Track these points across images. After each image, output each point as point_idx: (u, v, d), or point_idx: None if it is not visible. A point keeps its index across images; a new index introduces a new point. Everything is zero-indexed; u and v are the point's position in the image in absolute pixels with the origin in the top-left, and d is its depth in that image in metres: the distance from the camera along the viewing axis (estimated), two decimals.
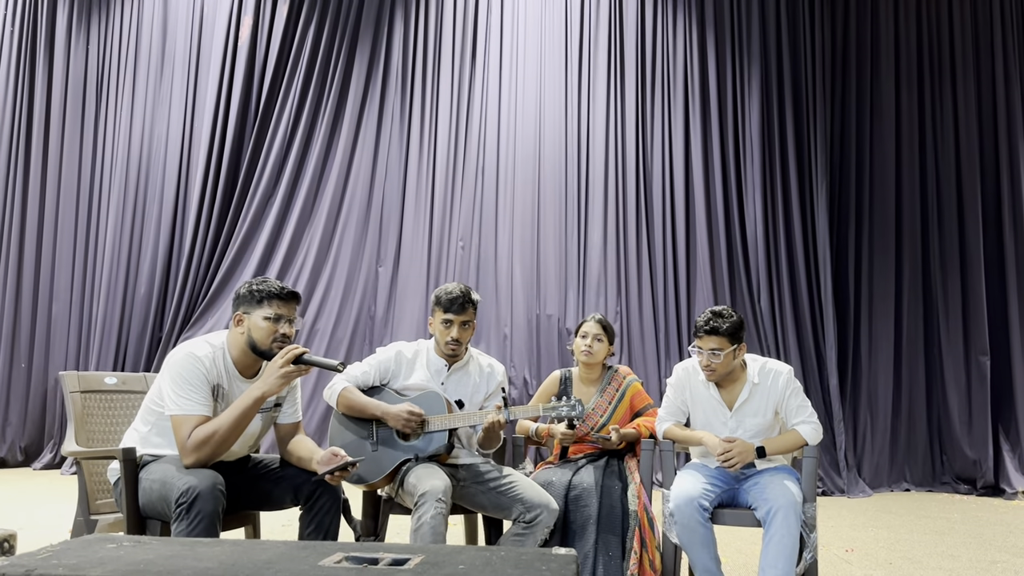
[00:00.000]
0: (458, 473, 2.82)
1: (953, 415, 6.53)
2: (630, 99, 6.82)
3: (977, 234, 6.67)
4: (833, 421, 6.34)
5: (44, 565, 1.40)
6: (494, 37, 6.94)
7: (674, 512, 2.72)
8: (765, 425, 2.89)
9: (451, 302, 2.85)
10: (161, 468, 2.36)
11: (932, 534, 4.56)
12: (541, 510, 2.66)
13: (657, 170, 6.77)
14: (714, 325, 2.79)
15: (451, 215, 6.75)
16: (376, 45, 6.99)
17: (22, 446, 6.71)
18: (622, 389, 3.21)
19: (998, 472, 6.31)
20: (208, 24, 7.10)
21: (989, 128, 6.88)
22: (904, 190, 6.88)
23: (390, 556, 1.52)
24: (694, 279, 6.66)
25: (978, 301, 6.59)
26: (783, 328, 6.56)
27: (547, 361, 6.31)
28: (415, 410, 2.75)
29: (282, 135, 6.84)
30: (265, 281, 2.50)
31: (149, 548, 1.59)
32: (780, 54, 6.90)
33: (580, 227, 6.67)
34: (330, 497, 2.48)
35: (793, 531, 2.60)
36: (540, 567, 1.44)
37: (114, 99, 7.16)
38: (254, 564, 1.43)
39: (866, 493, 6.19)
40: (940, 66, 7.01)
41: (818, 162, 6.73)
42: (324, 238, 6.76)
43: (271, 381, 2.38)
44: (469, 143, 6.83)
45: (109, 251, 6.87)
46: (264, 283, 2.49)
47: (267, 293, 2.46)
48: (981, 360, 6.51)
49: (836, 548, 4.11)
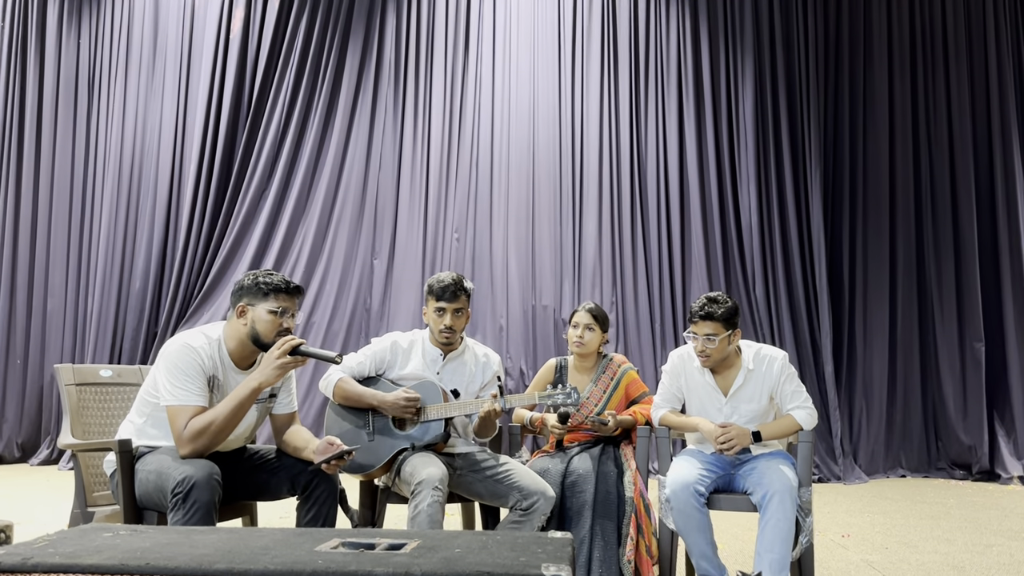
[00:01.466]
0: (455, 462, 2.83)
1: (948, 401, 6.56)
2: (624, 88, 6.81)
3: (971, 220, 6.69)
4: (829, 408, 6.36)
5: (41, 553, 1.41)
6: (487, 27, 6.92)
7: (670, 498, 2.73)
8: (760, 411, 2.90)
9: (443, 290, 2.85)
10: (157, 459, 2.36)
11: (928, 519, 4.59)
12: (538, 497, 2.67)
13: (651, 159, 6.77)
14: (709, 310, 2.80)
15: (446, 207, 6.74)
16: (369, 36, 6.97)
17: (19, 442, 6.70)
18: (617, 377, 3.22)
19: (993, 457, 6.34)
20: (200, 17, 7.06)
21: (982, 114, 6.89)
22: (898, 177, 6.90)
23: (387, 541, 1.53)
24: (689, 268, 6.67)
25: (972, 287, 6.61)
26: (778, 316, 6.58)
27: (543, 352, 6.32)
28: (412, 395, 2.76)
29: (275, 128, 6.82)
30: (271, 274, 2.49)
31: (146, 536, 1.59)
32: (773, 42, 6.90)
33: (575, 217, 6.67)
34: (327, 487, 2.49)
35: (789, 515, 2.61)
36: (536, 549, 1.45)
37: (106, 93, 7.12)
38: (251, 550, 1.44)
39: (862, 480, 6.22)
40: (933, 53, 7.01)
41: (812, 150, 6.74)
42: (319, 231, 6.75)
43: (268, 372, 2.38)
44: (463, 134, 6.82)
45: (103, 246, 6.84)
46: (270, 276, 2.48)
47: (273, 287, 2.46)
48: (976, 346, 6.54)
49: (832, 534, 4.13)
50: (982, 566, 3.42)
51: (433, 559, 1.37)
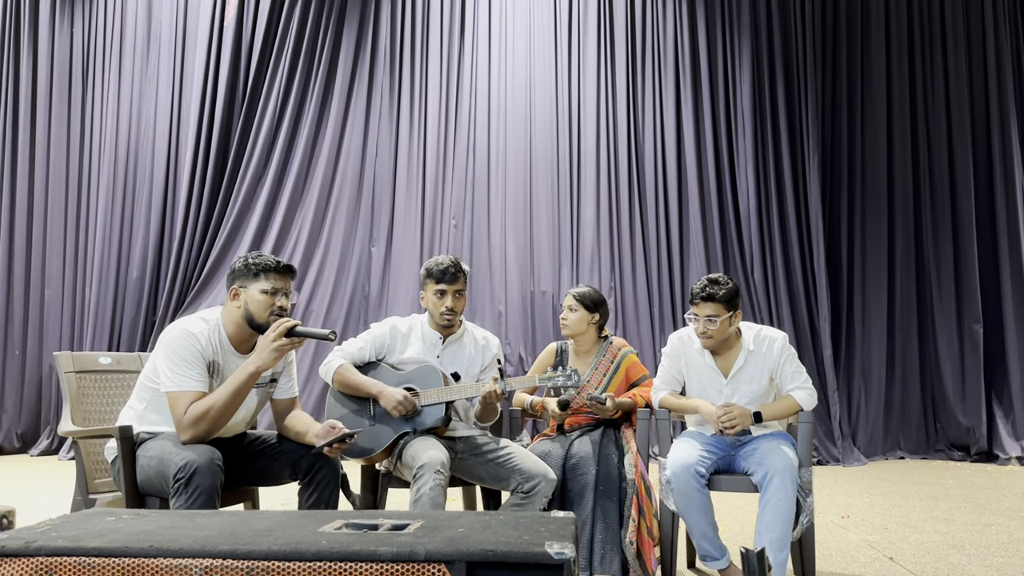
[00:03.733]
0: (456, 445, 2.83)
1: (946, 383, 6.58)
2: (621, 73, 6.79)
3: (969, 203, 6.69)
4: (828, 391, 6.38)
5: (44, 537, 1.40)
6: (483, 13, 6.87)
7: (671, 479, 2.73)
8: (760, 391, 2.90)
9: (443, 273, 2.85)
10: (158, 445, 2.36)
11: (927, 499, 4.61)
12: (539, 480, 2.67)
13: (649, 145, 6.75)
14: (710, 292, 2.80)
15: (443, 193, 6.72)
16: (364, 21, 6.92)
17: (19, 432, 6.71)
18: (617, 360, 3.22)
19: (991, 438, 6.37)
20: (194, 3, 7.01)
21: (980, 98, 6.88)
22: (895, 161, 6.89)
23: (390, 522, 1.53)
24: (687, 253, 6.67)
25: (970, 269, 6.62)
26: (777, 300, 6.59)
27: (542, 337, 6.33)
28: (411, 397, 2.74)
29: (271, 115, 6.79)
30: (260, 255, 2.50)
31: (148, 520, 1.59)
32: (771, 27, 6.87)
33: (573, 203, 6.66)
34: (329, 471, 2.49)
35: (790, 495, 2.62)
36: (539, 528, 1.45)
37: (101, 82, 7.08)
38: (254, 532, 1.44)
39: (861, 462, 6.24)
40: (931, 38, 6.99)
41: (810, 134, 6.72)
42: (316, 218, 6.73)
43: (265, 355, 2.38)
44: (460, 121, 6.79)
45: (100, 235, 6.82)
46: (260, 257, 2.48)
47: (263, 266, 2.46)
48: (974, 328, 6.55)
49: (832, 515, 4.15)
50: (981, 545, 3.44)
51: (437, 538, 1.37)
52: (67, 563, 1.33)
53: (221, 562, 1.31)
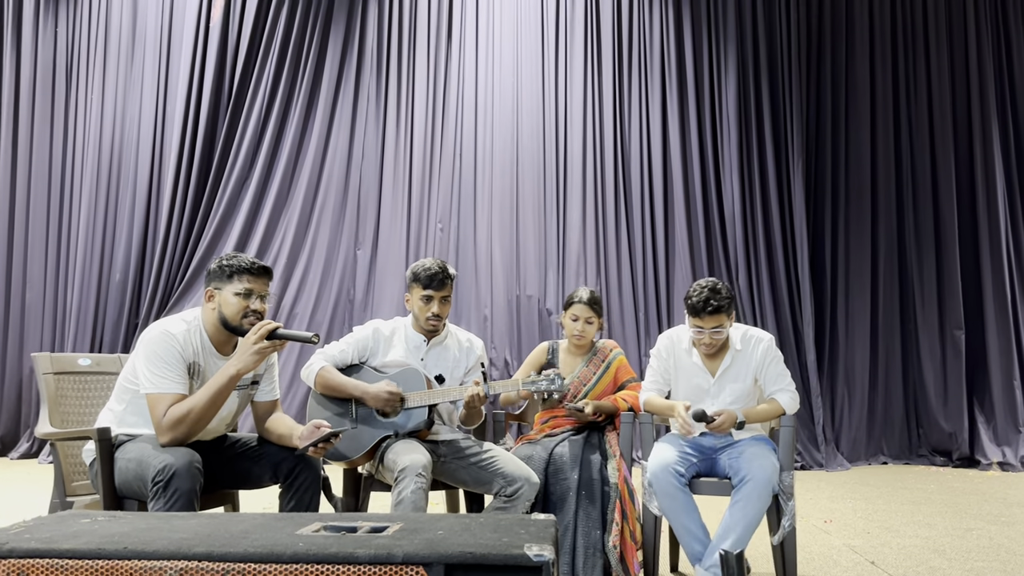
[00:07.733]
0: (438, 449, 2.81)
1: (929, 389, 6.62)
2: (607, 78, 6.81)
3: (951, 209, 6.75)
4: (811, 396, 6.40)
5: (16, 539, 1.39)
6: (470, 16, 6.88)
7: (652, 481, 2.73)
8: (745, 391, 2.91)
9: (431, 278, 2.83)
10: (137, 447, 2.33)
11: (909, 504, 4.63)
12: (522, 483, 2.66)
13: (635, 149, 6.77)
14: (716, 304, 2.77)
15: (429, 197, 6.71)
16: (351, 24, 6.91)
17: None
18: (608, 360, 3.22)
19: (973, 444, 6.41)
20: (179, 4, 6.97)
21: (962, 104, 6.94)
22: (879, 167, 6.94)
23: (369, 524, 1.52)
24: (672, 257, 6.69)
25: (953, 276, 6.67)
26: (761, 304, 6.62)
27: (528, 342, 6.31)
28: (394, 389, 2.74)
29: (256, 117, 6.75)
30: (236, 256, 2.47)
31: (124, 522, 1.57)
32: (756, 32, 6.92)
33: (559, 207, 6.67)
34: (310, 474, 2.47)
35: (759, 503, 2.61)
36: (519, 531, 1.45)
37: (85, 82, 7.02)
38: (231, 534, 1.42)
39: (844, 467, 6.27)
40: (914, 44, 7.06)
41: (794, 140, 6.77)
42: (301, 221, 6.70)
43: (245, 358, 2.35)
44: (446, 124, 6.78)
45: (83, 237, 6.76)
46: (234, 258, 2.45)
47: (237, 268, 2.43)
48: (956, 334, 6.60)
49: (815, 519, 4.16)
50: (962, 549, 3.46)
51: (415, 541, 1.36)
52: (39, 565, 1.31)
53: (196, 564, 1.30)
